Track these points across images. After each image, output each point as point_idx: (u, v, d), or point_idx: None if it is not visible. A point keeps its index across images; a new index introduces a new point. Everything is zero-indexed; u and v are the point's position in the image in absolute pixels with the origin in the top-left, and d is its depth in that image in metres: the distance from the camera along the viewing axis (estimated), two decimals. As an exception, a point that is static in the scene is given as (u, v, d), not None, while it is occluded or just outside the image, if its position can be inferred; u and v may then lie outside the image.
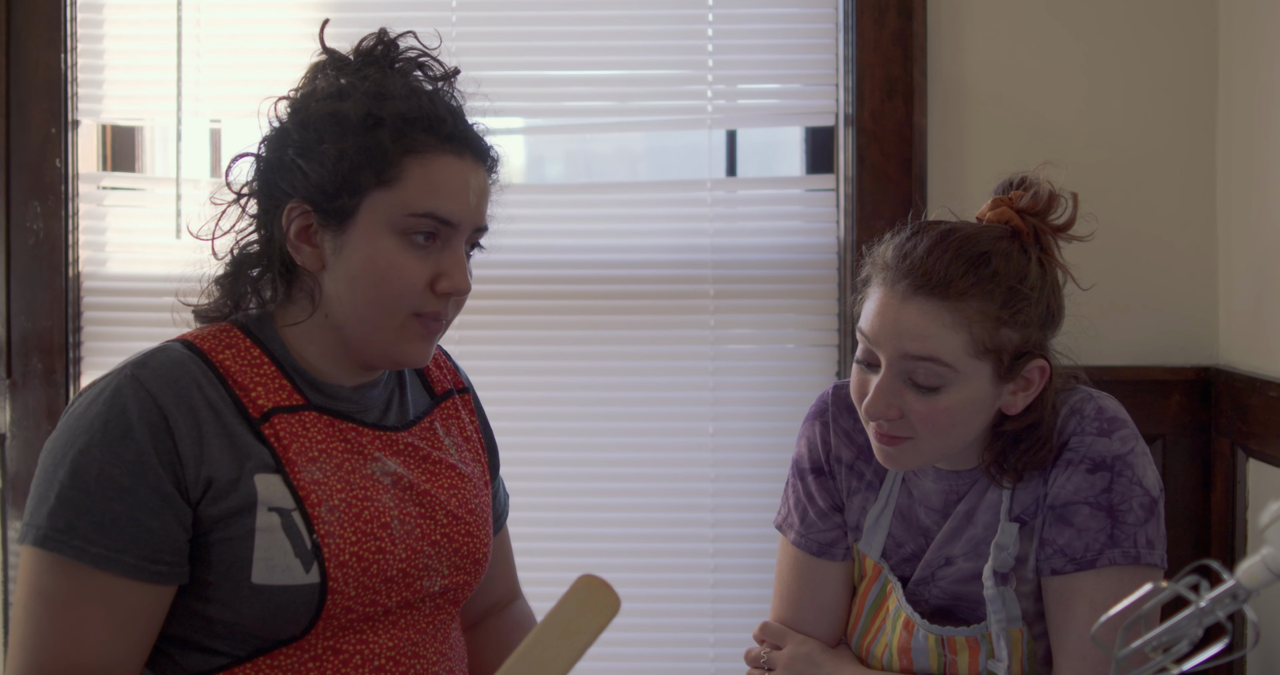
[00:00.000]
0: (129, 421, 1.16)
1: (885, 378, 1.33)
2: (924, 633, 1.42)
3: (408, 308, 1.23)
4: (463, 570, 1.31)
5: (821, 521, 1.52)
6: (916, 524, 1.47)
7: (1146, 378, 1.98)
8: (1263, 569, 0.92)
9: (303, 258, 1.24)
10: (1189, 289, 2.04)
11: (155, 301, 2.09)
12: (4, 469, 2.08)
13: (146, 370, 1.19)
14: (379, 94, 1.21)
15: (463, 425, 1.40)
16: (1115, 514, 1.34)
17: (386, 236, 1.21)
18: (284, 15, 2.10)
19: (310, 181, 1.21)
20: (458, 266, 1.23)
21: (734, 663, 2.15)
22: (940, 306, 1.30)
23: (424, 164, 1.21)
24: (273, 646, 1.19)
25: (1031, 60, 2.05)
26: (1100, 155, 2.03)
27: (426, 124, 1.21)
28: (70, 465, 1.15)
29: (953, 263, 1.31)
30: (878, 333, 1.33)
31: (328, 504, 1.20)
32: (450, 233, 1.23)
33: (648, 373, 2.13)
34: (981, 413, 1.35)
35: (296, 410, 1.23)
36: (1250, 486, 1.91)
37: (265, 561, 1.17)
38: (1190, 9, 2.03)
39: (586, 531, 2.15)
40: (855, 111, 2.05)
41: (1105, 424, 1.36)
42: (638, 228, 2.14)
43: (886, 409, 1.33)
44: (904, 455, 1.37)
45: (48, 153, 2.07)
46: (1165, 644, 0.96)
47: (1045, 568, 1.38)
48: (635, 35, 2.13)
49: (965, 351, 1.30)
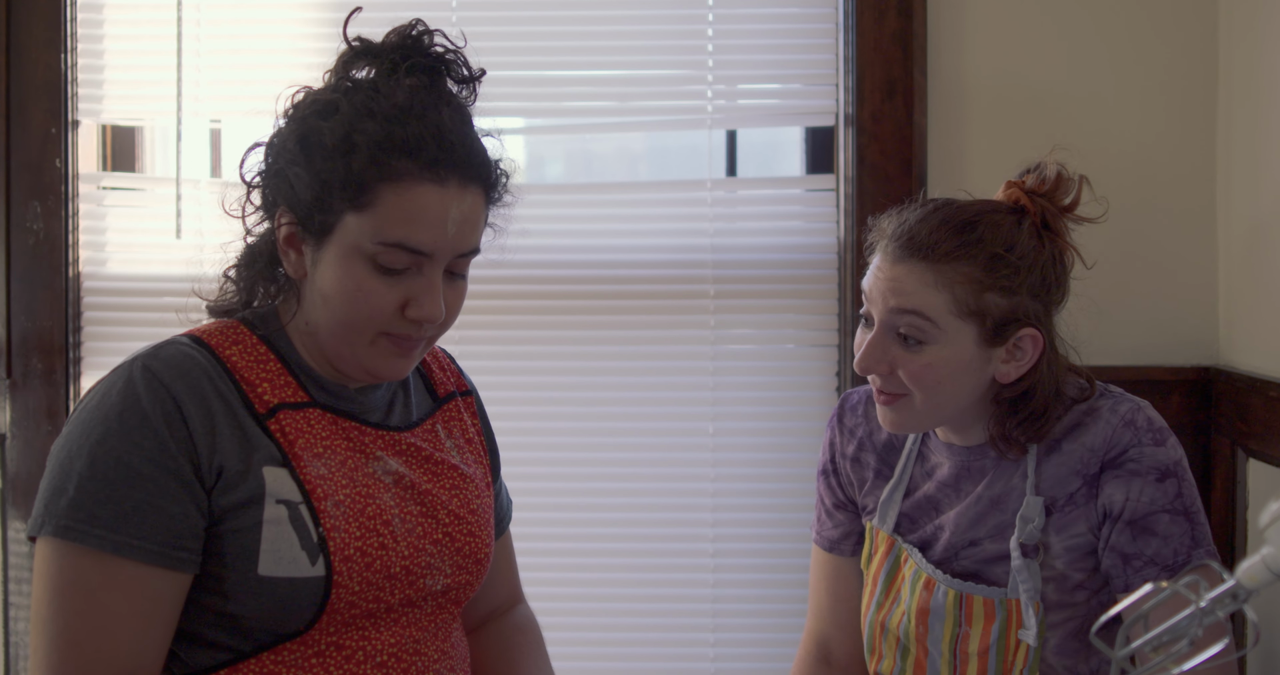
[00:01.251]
0: (144, 410, 1.16)
1: (876, 333, 1.42)
2: (944, 589, 1.46)
3: (375, 328, 1.22)
4: (465, 570, 1.32)
5: (829, 519, 1.62)
6: (928, 499, 1.52)
7: (1146, 378, 1.98)
8: (1263, 569, 0.93)
9: (288, 263, 1.25)
10: (1189, 289, 2.04)
11: (155, 301, 2.10)
12: (4, 469, 2.08)
13: (158, 361, 1.20)
14: (365, 112, 1.19)
15: (465, 427, 1.40)
16: (1190, 516, 1.40)
17: (357, 259, 1.19)
18: (284, 15, 2.10)
19: (294, 193, 1.22)
20: (429, 294, 1.21)
21: (734, 663, 2.15)
22: (925, 267, 1.39)
23: (399, 192, 1.18)
24: (276, 641, 1.20)
25: (1031, 60, 2.05)
26: (1100, 155, 2.03)
27: (405, 149, 1.18)
28: (88, 456, 1.16)
29: (938, 228, 1.41)
30: (871, 291, 1.43)
31: (333, 499, 1.21)
32: (423, 261, 1.21)
33: (647, 373, 2.13)
34: (969, 375, 1.42)
35: (301, 407, 1.24)
36: (1250, 486, 1.91)
37: (272, 553, 1.18)
38: (1190, 9, 2.03)
39: (586, 532, 2.15)
40: (855, 111, 2.05)
41: (1158, 434, 1.42)
42: (638, 228, 2.14)
43: (876, 363, 1.42)
44: (900, 415, 1.44)
45: (48, 153, 2.07)
46: (1165, 644, 0.96)
47: (1136, 580, 1.40)
48: (635, 35, 2.13)
49: (948, 310, 1.39)
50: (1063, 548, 1.43)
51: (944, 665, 1.46)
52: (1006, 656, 1.43)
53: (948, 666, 1.46)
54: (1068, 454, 1.43)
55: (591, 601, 2.16)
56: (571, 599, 2.15)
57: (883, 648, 1.53)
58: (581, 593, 2.14)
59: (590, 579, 2.16)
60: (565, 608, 2.13)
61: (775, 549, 2.13)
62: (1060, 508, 1.43)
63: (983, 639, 1.44)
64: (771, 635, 2.14)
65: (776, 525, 2.13)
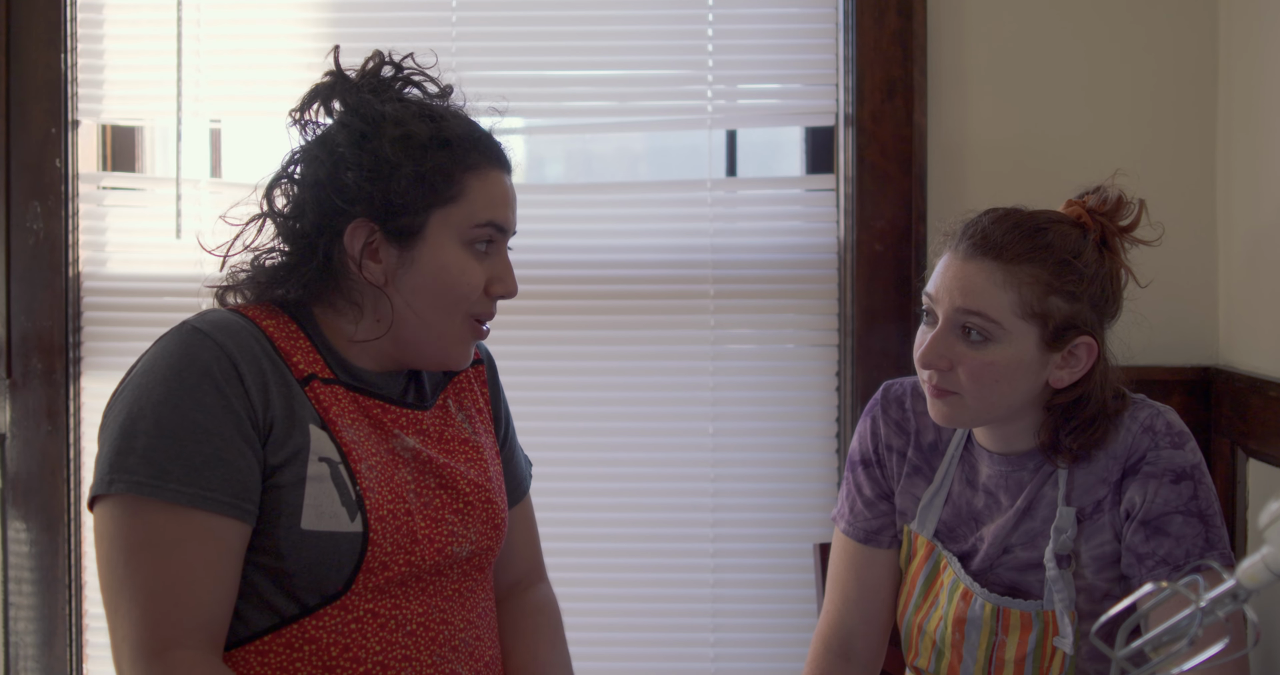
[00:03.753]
0: (204, 367, 1.21)
1: (940, 330, 1.45)
2: (981, 602, 1.48)
3: (467, 310, 1.33)
4: (485, 535, 1.37)
5: (869, 510, 1.62)
6: (969, 508, 1.54)
7: (1146, 378, 1.98)
8: (1263, 569, 0.93)
9: (371, 273, 1.30)
10: (1189, 289, 2.04)
11: (155, 301, 2.10)
12: (4, 469, 2.08)
13: (207, 323, 1.26)
14: (433, 116, 1.31)
15: (474, 397, 1.46)
16: (1206, 518, 1.43)
17: (455, 246, 1.31)
18: (284, 15, 2.09)
19: (375, 202, 1.28)
20: (509, 271, 1.35)
21: (734, 663, 2.15)
22: (996, 266, 1.43)
23: (480, 179, 1.31)
24: (319, 604, 1.24)
25: (1031, 60, 2.05)
26: (1100, 154, 2.03)
27: (476, 142, 1.32)
28: (153, 415, 1.20)
29: (1011, 230, 1.45)
30: (938, 289, 1.47)
31: (366, 463, 1.28)
32: (502, 240, 1.35)
33: (648, 373, 2.13)
34: (1026, 377, 1.44)
35: (329, 383, 1.30)
36: (1250, 486, 1.91)
37: (315, 508, 1.23)
38: (1190, 9, 2.03)
39: (586, 531, 2.15)
40: (855, 111, 2.05)
41: (1176, 438, 1.45)
42: (638, 228, 2.14)
43: (938, 359, 1.45)
44: (952, 409, 1.47)
45: (48, 153, 2.07)
46: (1165, 644, 0.96)
47: (1148, 580, 1.43)
48: (635, 35, 2.13)
49: (1013, 311, 1.42)
50: (1090, 557, 1.46)
51: (979, 670, 1.49)
52: (1043, 663, 1.46)
53: (982, 672, 1.49)
54: (1095, 462, 1.47)
55: (591, 601, 2.16)
56: (571, 599, 2.14)
57: (919, 646, 1.55)
58: (581, 592, 2.14)
59: (590, 579, 2.16)
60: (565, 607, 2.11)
61: (775, 549, 2.13)
62: (1089, 516, 1.47)
63: (1019, 647, 1.47)
64: (771, 635, 2.14)
65: (776, 525, 2.13)
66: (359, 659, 1.25)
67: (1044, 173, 2.01)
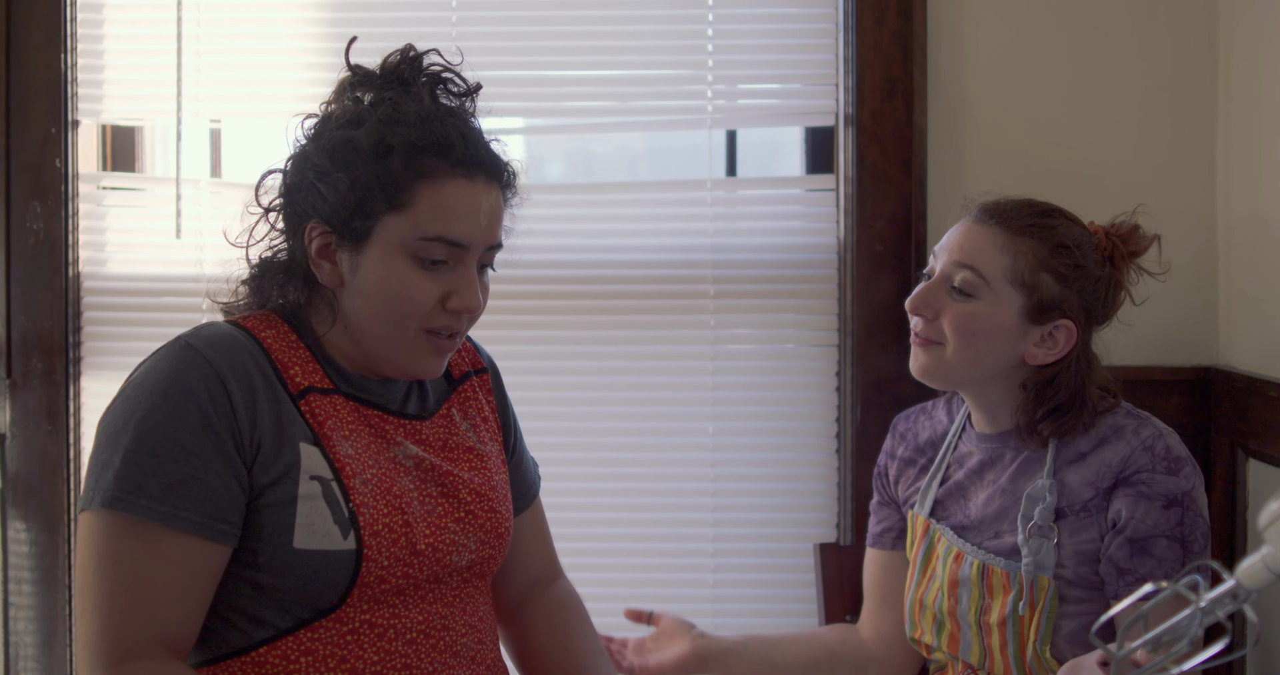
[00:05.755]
0: (189, 386, 1.21)
1: (934, 281, 1.57)
2: (970, 561, 1.56)
3: (419, 324, 1.28)
4: (487, 544, 1.37)
5: (874, 515, 1.77)
6: (958, 485, 1.64)
7: (1146, 378, 1.98)
8: (1263, 569, 0.93)
9: (323, 274, 1.30)
10: (1189, 289, 2.04)
11: (155, 301, 2.10)
12: (4, 469, 2.08)
13: (200, 339, 1.25)
14: (392, 120, 1.26)
15: (480, 406, 1.45)
16: (1187, 544, 1.50)
17: (399, 258, 1.26)
18: (284, 15, 2.09)
19: (328, 204, 1.27)
20: (468, 285, 1.29)
21: (734, 663, 2.15)
22: (999, 231, 1.54)
23: (434, 189, 1.25)
24: (313, 617, 1.24)
25: (1031, 60, 2.05)
26: (1100, 154, 2.03)
27: (437, 149, 1.25)
28: (135, 431, 1.20)
29: (1023, 206, 1.57)
30: (942, 246, 1.59)
31: (361, 477, 1.26)
32: (461, 253, 1.28)
33: (648, 373, 2.13)
34: (1003, 341, 1.53)
35: (328, 393, 1.29)
36: (1250, 486, 1.91)
37: (306, 527, 1.22)
38: (1190, 9, 2.03)
39: (586, 531, 2.15)
40: (855, 111, 2.05)
41: (1172, 463, 1.51)
42: (638, 228, 2.14)
43: (924, 307, 1.56)
44: (930, 359, 1.56)
45: (48, 153, 2.07)
46: (1165, 644, 0.97)
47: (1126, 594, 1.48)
48: (635, 35, 2.13)
49: (1004, 275, 1.52)
50: (1074, 550, 1.52)
51: (974, 636, 1.56)
52: (1022, 629, 1.51)
53: (976, 638, 1.56)
54: (1089, 466, 1.53)
55: (591, 601, 2.14)
56: (571, 599, 2.15)
57: (922, 624, 1.63)
58: (581, 592, 2.13)
59: (590, 579, 2.15)
60: (565, 608, 2.13)
61: (775, 549, 2.13)
62: (1076, 513, 1.53)
63: (1001, 610, 1.53)
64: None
65: (776, 525, 2.13)
66: (356, 669, 1.24)
67: (1044, 173, 2.01)
